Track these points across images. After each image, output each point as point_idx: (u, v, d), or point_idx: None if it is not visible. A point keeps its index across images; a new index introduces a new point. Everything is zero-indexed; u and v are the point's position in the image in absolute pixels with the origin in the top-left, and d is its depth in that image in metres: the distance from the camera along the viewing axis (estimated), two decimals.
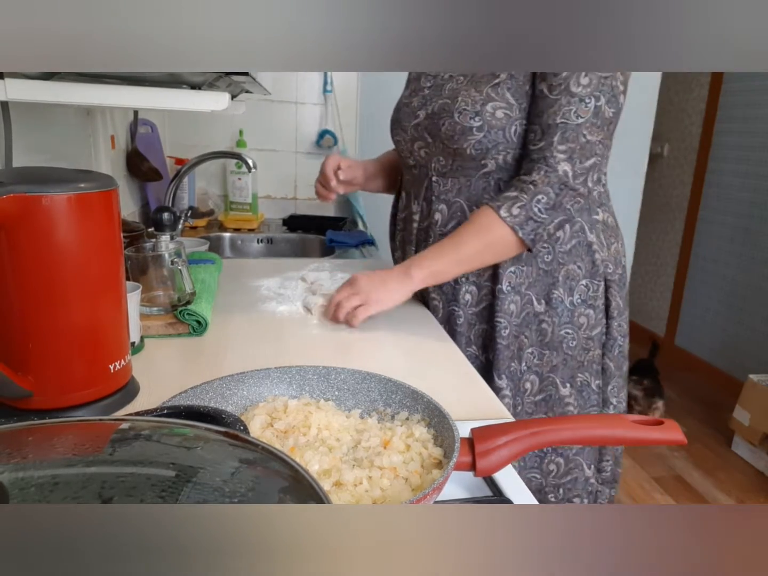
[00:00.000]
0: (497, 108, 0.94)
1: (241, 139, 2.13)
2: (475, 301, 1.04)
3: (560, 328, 1.00)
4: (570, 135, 0.90)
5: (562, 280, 0.99)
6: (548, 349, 1.01)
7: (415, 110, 1.05)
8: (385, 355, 0.89)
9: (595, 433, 0.54)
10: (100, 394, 0.64)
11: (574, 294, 0.99)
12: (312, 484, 0.28)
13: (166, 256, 0.93)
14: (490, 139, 0.95)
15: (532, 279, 1.00)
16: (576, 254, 0.99)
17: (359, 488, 0.48)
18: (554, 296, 0.99)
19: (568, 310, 1.00)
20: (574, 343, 1.01)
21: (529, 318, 1.01)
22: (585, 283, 1.00)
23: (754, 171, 3.00)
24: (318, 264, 1.44)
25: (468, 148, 0.96)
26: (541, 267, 0.99)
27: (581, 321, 1.00)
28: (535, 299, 1.00)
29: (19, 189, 0.53)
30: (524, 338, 1.01)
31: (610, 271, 1.01)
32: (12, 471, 0.26)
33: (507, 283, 0.99)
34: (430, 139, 1.02)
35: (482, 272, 1.01)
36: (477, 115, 0.94)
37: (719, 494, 2.29)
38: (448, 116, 0.97)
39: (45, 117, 1.06)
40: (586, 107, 0.89)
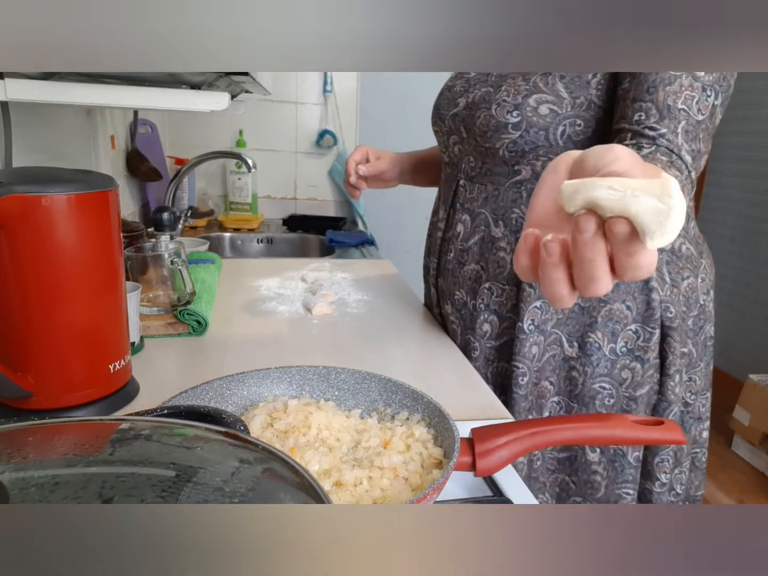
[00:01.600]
0: (542, 102, 0.75)
1: (240, 139, 2.13)
2: (495, 334, 0.87)
3: (594, 381, 0.80)
4: (691, 132, 0.68)
5: (602, 321, 0.79)
6: (577, 402, 0.82)
7: (456, 97, 0.88)
8: (385, 355, 0.89)
9: (596, 433, 0.54)
10: (100, 394, 0.64)
11: (617, 341, 0.79)
12: (312, 484, 0.28)
13: (166, 256, 0.93)
14: (528, 140, 0.77)
15: (562, 316, 0.81)
16: (626, 291, 0.79)
17: (359, 488, 0.48)
18: (590, 340, 0.80)
19: (607, 360, 0.80)
20: (611, 402, 0.81)
21: (555, 362, 0.83)
22: (634, 328, 0.79)
23: (754, 171, 3.00)
24: (318, 264, 1.44)
25: (501, 148, 0.79)
26: (577, 302, 0.80)
27: (624, 375, 0.80)
28: (565, 340, 0.82)
29: (19, 189, 0.53)
30: (548, 384, 0.83)
31: (671, 315, 0.79)
32: (12, 471, 0.26)
33: (530, 321, 0.81)
34: (465, 133, 0.85)
35: (505, 301, 0.85)
36: (516, 109, 0.76)
37: (719, 494, 2.29)
38: (486, 108, 0.80)
39: (45, 117, 1.06)
40: (707, 102, 0.68)
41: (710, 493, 2.29)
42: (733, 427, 2.54)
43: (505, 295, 0.86)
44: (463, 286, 0.91)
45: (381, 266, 1.48)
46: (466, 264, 0.90)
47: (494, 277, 0.86)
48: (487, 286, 0.87)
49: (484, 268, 0.87)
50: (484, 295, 0.88)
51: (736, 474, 2.42)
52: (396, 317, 1.06)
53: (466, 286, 0.90)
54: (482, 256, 0.88)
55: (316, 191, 2.30)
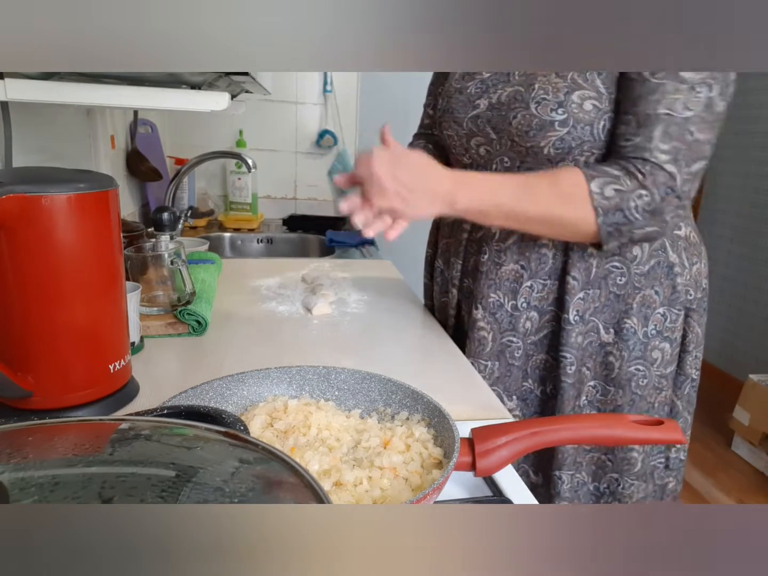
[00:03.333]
0: (585, 98, 0.77)
1: (240, 139, 2.13)
2: (535, 328, 0.89)
3: (630, 364, 0.85)
4: (674, 131, 0.73)
5: (636, 307, 0.84)
6: (613, 386, 0.87)
7: (473, 99, 0.88)
8: (385, 355, 0.89)
9: (595, 433, 0.54)
10: (100, 394, 0.64)
11: (648, 324, 0.85)
12: (312, 484, 0.28)
13: (166, 256, 0.93)
14: (575, 136, 0.78)
15: (599, 304, 0.85)
16: (654, 277, 0.84)
17: (359, 488, 0.48)
18: (626, 326, 0.84)
19: (641, 343, 0.85)
20: (645, 382, 0.86)
21: (592, 348, 0.87)
22: (662, 311, 0.85)
23: (754, 171, 3.00)
24: (318, 264, 1.44)
25: (546, 146, 0.80)
26: (613, 291, 0.84)
27: (655, 356, 0.86)
28: (602, 327, 0.86)
29: (18, 189, 0.53)
30: (586, 370, 0.87)
31: (691, 297, 0.86)
32: (12, 471, 0.26)
33: (575, 312, 0.84)
34: (494, 135, 0.85)
35: (546, 295, 0.87)
36: (560, 107, 0.77)
37: (719, 494, 2.29)
38: (522, 107, 0.81)
39: (45, 117, 1.06)
40: (697, 98, 0.72)
41: (710, 493, 2.29)
42: (733, 427, 2.54)
43: (546, 290, 0.87)
44: (500, 288, 0.89)
45: (381, 266, 1.48)
46: (503, 264, 0.89)
47: (535, 274, 0.87)
48: (529, 285, 0.88)
49: (525, 267, 0.88)
50: (526, 294, 0.88)
51: (736, 474, 2.42)
52: (396, 317, 1.06)
53: (504, 287, 0.89)
54: (522, 255, 0.88)
55: (316, 191, 2.30)
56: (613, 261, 0.84)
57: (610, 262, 0.84)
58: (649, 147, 0.74)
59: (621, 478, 0.89)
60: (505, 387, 0.91)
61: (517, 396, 0.92)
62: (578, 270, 0.84)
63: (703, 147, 0.74)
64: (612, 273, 0.84)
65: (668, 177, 0.74)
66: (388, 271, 1.43)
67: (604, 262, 0.84)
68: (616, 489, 0.90)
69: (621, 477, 0.89)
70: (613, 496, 0.90)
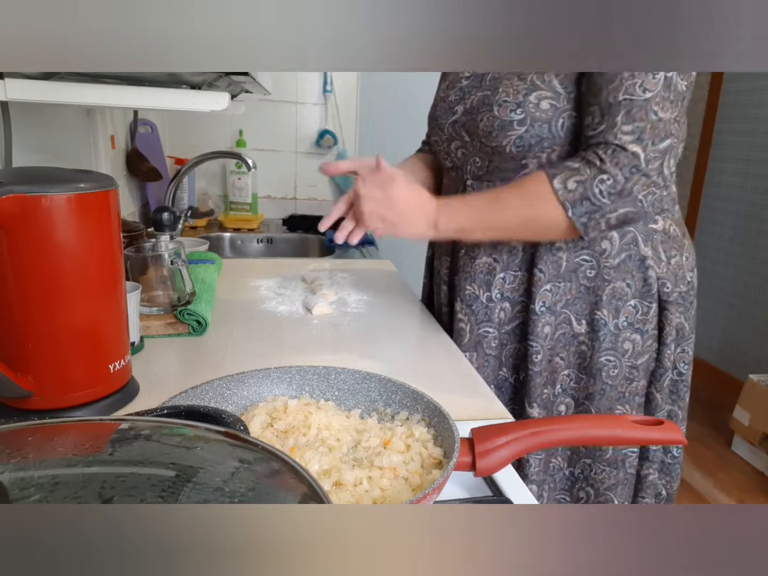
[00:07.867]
0: (542, 98, 0.81)
1: (240, 139, 2.13)
2: (508, 318, 0.93)
3: (600, 354, 0.88)
4: (637, 113, 0.75)
5: (606, 299, 0.86)
6: (585, 374, 0.90)
7: (453, 105, 0.93)
8: (385, 355, 0.89)
9: (595, 433, 0.54)
10: (100, 394, 0.64)
11: (619, 316, 0.87)
12: (312, 484, 0.28)
13: (166, 256, 0.93)
14: (533, 134, 0.83)
15: (570, 297, 0.88)
16: (625, 270, 0.86)
17: (359, 488, 0.48)
18: (597, 317, 0.87)
19: (611, 334, 0.87)
20: (616, 372, 0.88)
21: (566, 339, 0.89)
22: (633, 303, 0.87)
23: (754, 171, 3.00)
24: (318, 264, 1.44)
25: (508, 145, 0.84)
26: (583, 283, 0.87)
27: (625, 347, 0.88)
28: (574, 319, 0.88)
29: (18, 189, 0.53)
30: (559, 360, 0.90)
31: (668, 290, 0.87)
32: (12, 471, 0.26)
33: (541, 303, 0.88)
34: (468, 137, 0.91)
35: (517, 286, 0.91)
36: (518, 107, 0.82)
37: (719, 494, 2.29)
38: (487, 110, 0.85)
39: (45, 117, 1.06)
40: (655, 78, 0.75)
41: (710, 493, 2.29)
42: (733, 427, 2.54)
43: (517, 281, 0.91)
44: (475, 280, 0.94)
45: (381, 266, 1.48)
46: (477, 258, 0.93)
47: (507, 267, 0.91)
48: (502, 276, 0.92)
49: (498, 259, 0.92)
50: (499, 285, 0.92)
51: (736, 474, 2.42)
52: (396, 317, 1.07)
53: (478, 280, 0.93)
54: (494, 248, 0.92)
55: (316, 191, 2.30)
56: (582, 254, 0.86)
57: (580, 255, 0.87)
58: (613, 131, 0.76)
59: (593, 464, 0.92)
60: (484, 376, 0.93)
61: (494, 384, 0.96)
62: (545, 263, 0.87)
63: (668, 125, 0.76)
64: (582, 266, 0.87)
65: (631, 157, 0.75)
66: (388, 271, 1.43)
67: (574, 255, 0.87)
68: (589, 474, 0.92)
69: (594, 462, 0.92)
70: (587, 482, 0.93)
